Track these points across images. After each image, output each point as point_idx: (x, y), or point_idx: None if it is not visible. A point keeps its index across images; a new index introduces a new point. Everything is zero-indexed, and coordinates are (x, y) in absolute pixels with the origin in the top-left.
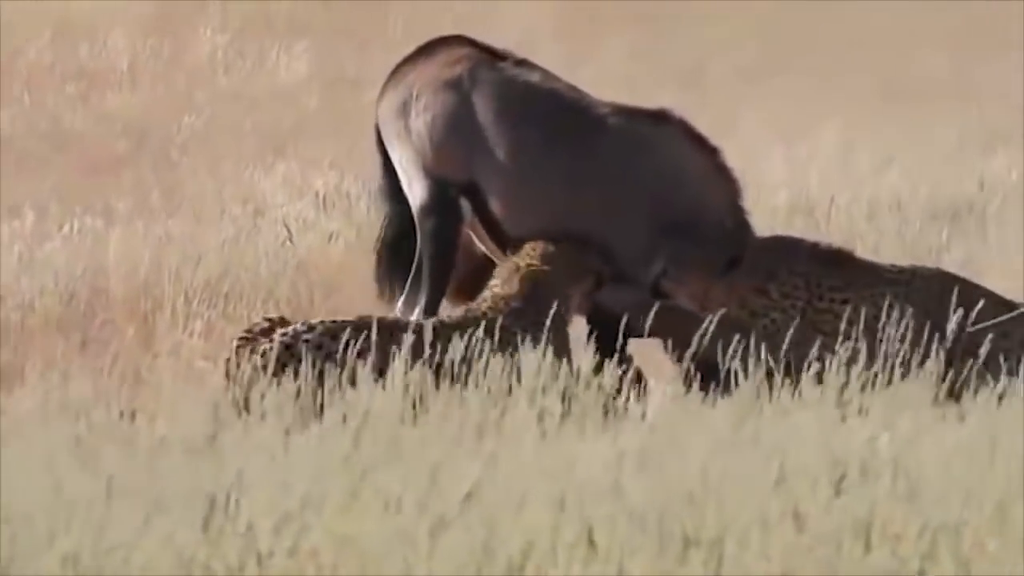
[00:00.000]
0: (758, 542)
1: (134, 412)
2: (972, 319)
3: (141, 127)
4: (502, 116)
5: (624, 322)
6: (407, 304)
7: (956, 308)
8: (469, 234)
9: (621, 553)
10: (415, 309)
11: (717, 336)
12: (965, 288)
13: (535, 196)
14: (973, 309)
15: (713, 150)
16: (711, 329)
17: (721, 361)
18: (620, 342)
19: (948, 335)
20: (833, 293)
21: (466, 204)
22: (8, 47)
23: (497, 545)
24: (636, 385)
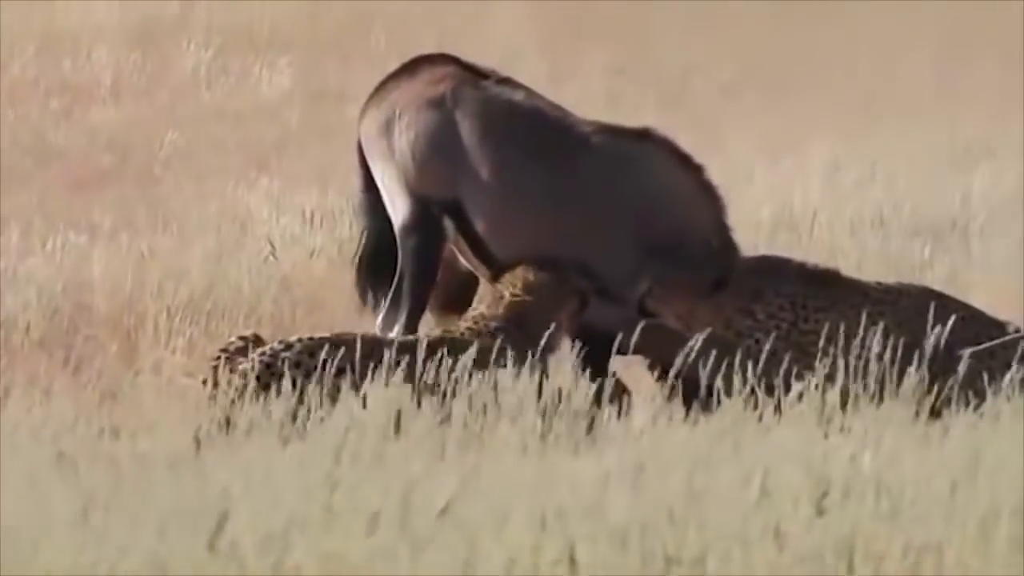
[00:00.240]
0: (740, 560)
1: (117, 428)
2: (958, 338)
3: (125, 142)
4: (485, 134)
5: (607, 339)
6: (387, 321)
7: (941, 326)
8: (452, 250)
9: (603, 571)
10: (395, 326)
11: (699, 354)
12: (951, 306)
13: (519, 215)
14: (959, 328)
15: (697, 168)
16: (695, 348)
17: (703, 379)
18: (604, 359)
19: (932, 353)
20: (819, 314)
21: (449, 223)
22: None
23: (479, 562)
24: (619, 402)
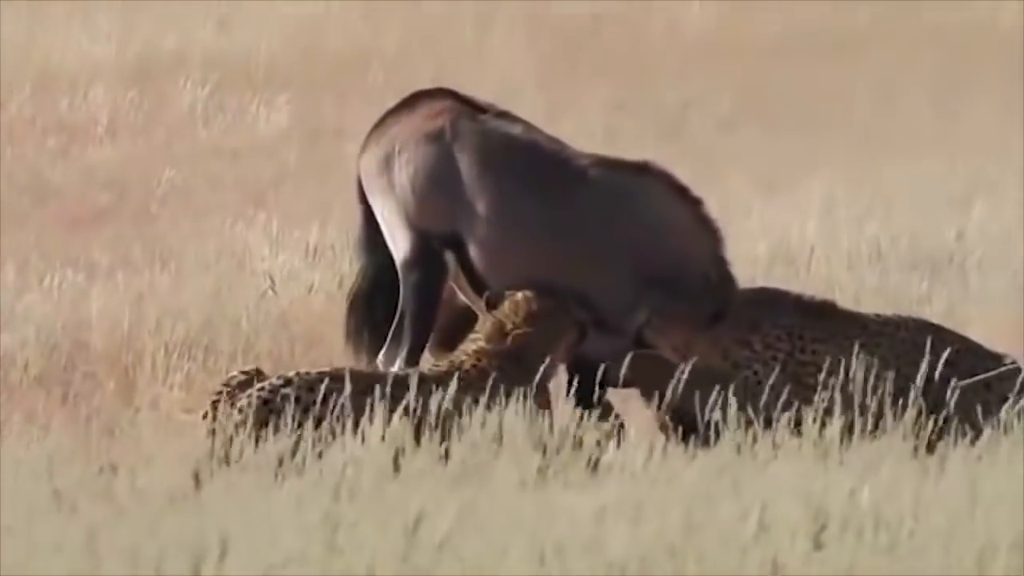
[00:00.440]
0: None
1: (115, 465)
2: (955, 370)
3: (122, 180)
4: (483, 168)
5: (604, 371)
6: (388, 355)
7: (939, 359)
8: (451, 286)
9: None
10: (396, 360)
11: (694, 386)
12: (948, 339)
13: (517, 247)
14: (956, 360)
15: (695, 201)
16: (684, 379)
17: (700, 412)
18: (600, 391)
19: (929, 385)
20: (816, 345)
21: (450, 256)
22: None
23: None
24: (616, 436)
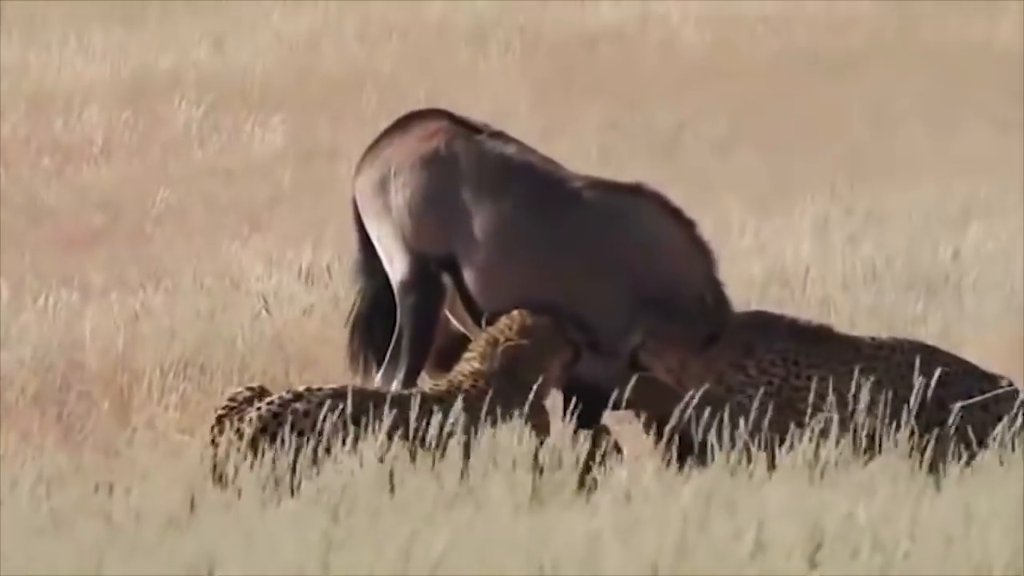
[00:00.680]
0: None
1: (110, 485)
2: (950, 391)
3: (116, 200)
4: (478, 189)
5: (595, 393)
6: (386, 376)
7: (934, 381)
8: (444, 312)
9: None
10: (393, 382)
11: (696, 409)
12: (944, 361)
13: (511, 268)
14: (951, 381)
15: (689, 223)
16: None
17: (696, 433)
18: (592, 414)
19: (925, 407)
20: (811, 370)
21: (447, 278)
22: None
23: None
24: (612, 457)
